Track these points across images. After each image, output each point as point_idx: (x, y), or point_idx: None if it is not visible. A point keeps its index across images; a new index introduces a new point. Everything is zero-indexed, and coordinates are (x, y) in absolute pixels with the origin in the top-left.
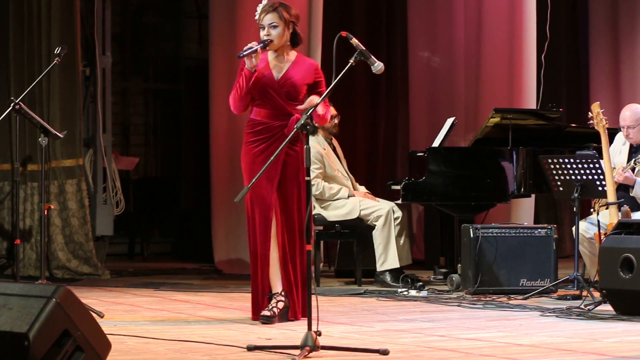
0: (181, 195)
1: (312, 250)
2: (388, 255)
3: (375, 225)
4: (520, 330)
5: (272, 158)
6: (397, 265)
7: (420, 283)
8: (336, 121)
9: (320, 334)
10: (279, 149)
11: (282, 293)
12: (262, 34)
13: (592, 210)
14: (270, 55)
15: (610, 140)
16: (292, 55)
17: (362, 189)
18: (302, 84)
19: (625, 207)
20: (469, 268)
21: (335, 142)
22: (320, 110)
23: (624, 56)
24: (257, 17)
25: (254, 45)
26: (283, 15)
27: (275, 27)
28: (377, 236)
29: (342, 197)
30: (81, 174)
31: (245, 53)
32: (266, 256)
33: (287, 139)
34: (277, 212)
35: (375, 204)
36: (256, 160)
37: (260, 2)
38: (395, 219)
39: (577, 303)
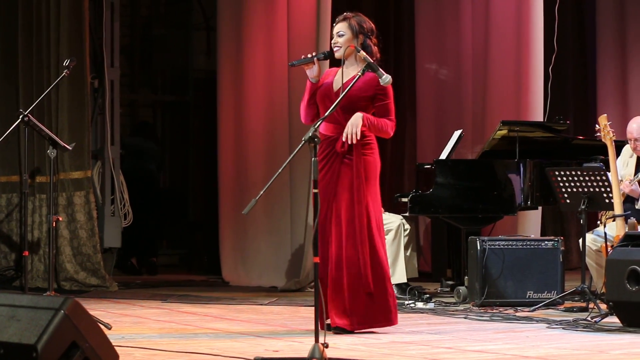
0: (189, 207)
1: (319, 263)
2: (396, 270)
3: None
4: (527, 342)
5: (279, 171)
6: (404, 280)
7: (427, 295)
8: None
9: (327, 346)
10: (283, 165)
11: None
12: (332, 42)
13: (599, 222)
14: (343, 66)
15: (618, 153)
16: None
17: None
18: (360, 95)
19: (632, 220)
20: (476, 280)
21: None
22: (372, 126)
23: (632, 69)
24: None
25: (310, 55)
26: (352, 24)
27: (341, 35)
28: (387, 250)
29: None
30: (89, 186)
31: (297, 62)
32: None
33: (294, 153)
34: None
35: (386, 217)
36: (320, 174)
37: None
38: (404, 231)
39: (583, 315)
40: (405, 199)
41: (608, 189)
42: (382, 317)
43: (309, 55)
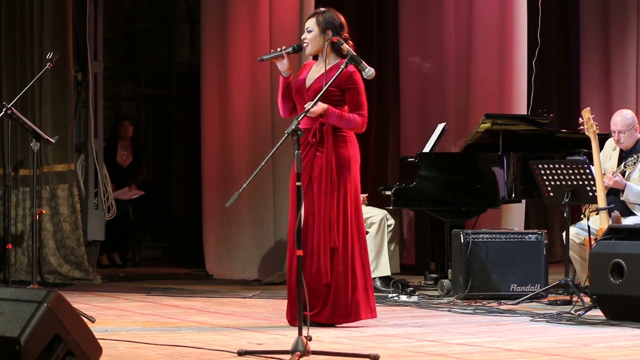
0: (173, 200)
1: (302, 255)
2: (379, 263)
3: (368, 231)
4: (510, 335)
5: (262, 164)
6: (388, 272)
7: (411, 288)
8: None
9: (310, 339)
10: (266, 158)
11: None
12: (302, 38)
13: (582, 215)
14: (315, 62)
15: (601, 146)
16: (335, 62)
17: None
18: (330, 89)
19: (616, 213)
20: (460, 273)
21: None
22: (333, 120)
23: (615, 62)
24: None
25: (280, 49)
26: (319, 20)
27: (310, 31)
28: (370, 243)
29: None
30: (73, 179)
31: (266, 57)
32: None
33: (277, 146)
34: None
35: (370, 210)
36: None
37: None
38: (388, 226)
39: (567, 308)
40: (388, 192)
41: (591, 182)
42: (339, 313)
43: (278, 50)
